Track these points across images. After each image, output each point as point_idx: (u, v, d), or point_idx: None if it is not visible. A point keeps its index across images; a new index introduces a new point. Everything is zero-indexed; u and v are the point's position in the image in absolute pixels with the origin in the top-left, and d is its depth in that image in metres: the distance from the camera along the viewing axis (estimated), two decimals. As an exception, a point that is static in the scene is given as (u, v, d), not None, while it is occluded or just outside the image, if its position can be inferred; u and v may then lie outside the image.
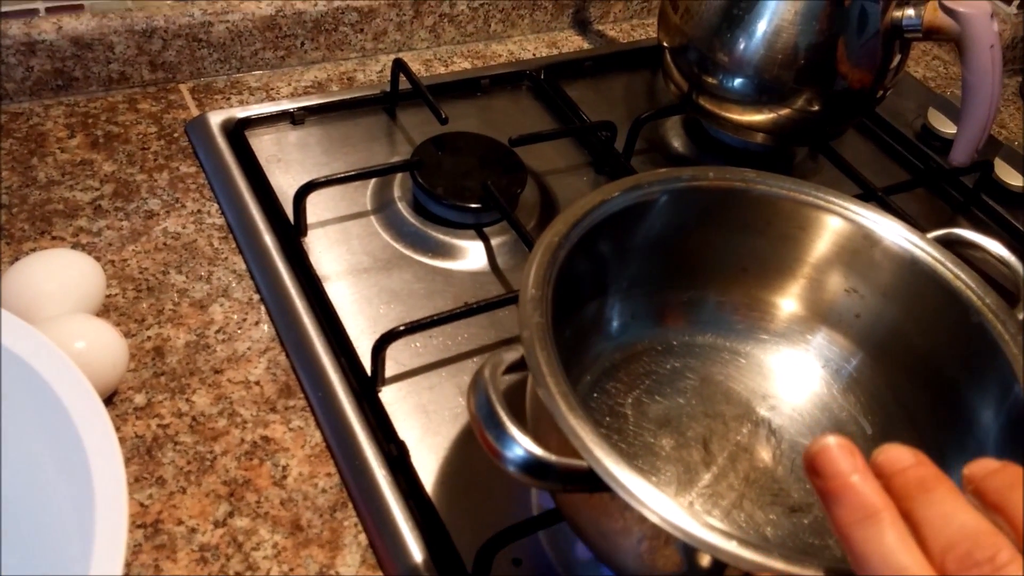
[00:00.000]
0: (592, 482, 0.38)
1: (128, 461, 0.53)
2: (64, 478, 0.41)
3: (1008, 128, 0.99)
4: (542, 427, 0.43)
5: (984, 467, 0.33)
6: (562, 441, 0.39)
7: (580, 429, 0.39)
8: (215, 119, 0.75)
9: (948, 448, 0.51)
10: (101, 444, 0.41)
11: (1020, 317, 0.50)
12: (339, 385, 0.58)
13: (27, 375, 0.43)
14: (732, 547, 0.36)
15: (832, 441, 0.33)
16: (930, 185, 0.86)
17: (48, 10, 0.72)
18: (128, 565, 0.48)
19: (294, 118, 0.77)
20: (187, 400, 0.56)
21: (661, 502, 0.37)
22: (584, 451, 0.38)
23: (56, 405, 0.42)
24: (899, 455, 0.34)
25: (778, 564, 0.36)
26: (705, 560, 0.38)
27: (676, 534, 0.37)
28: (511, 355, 0.43)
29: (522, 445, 0.38)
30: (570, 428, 0.39)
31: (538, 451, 0.38)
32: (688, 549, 0.37)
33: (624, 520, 0.41)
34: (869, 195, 0.77)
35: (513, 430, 0.38)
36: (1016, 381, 0.46)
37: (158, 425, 0.55)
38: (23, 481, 0.43)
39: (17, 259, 0.56)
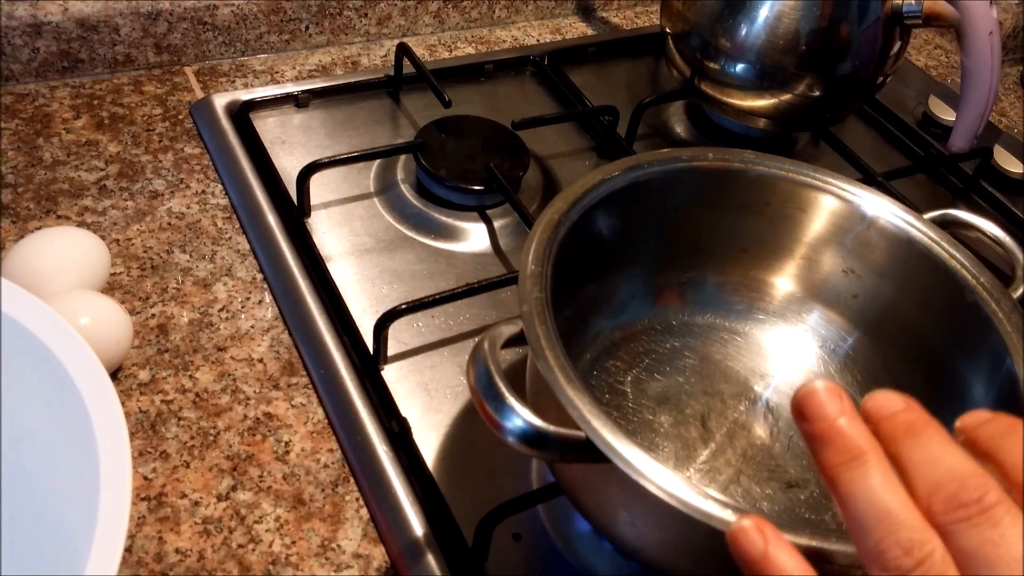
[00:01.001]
0: (589, 452, 0.39)
1: (132, 436, 0.53)
2: (69, 449, 0.42)
3: (1008, 116, 1.00)
4: (542, 402, 0.44)
5: (976, 417, 0.33)
6: (561, 414, 0.40)
7: (578, 400, 0.40)
8: (220, 101, 0.76)
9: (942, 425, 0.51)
10: (107, 416, 0.42)
11: (1015, 296, 0.51)
12: (341, 363, 0.59)
13: (35, 347, 0.44)
14: (728, 516, 0.37)
15: (820, 385, 0.33)
16: (930, 171, 0.87)
17: (54, -8, 0.73)
18: (132, 537, 0.49)
19: (298, 101, 0.78)
20: (191, 377, 0.57)
21: (656, 470, 0.38)
22: (581, 421, 0.39)
23: (63, 377, 0.43)
24: (888, 400, 0.33)
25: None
26: (701, 531, 0.39)
27: (671, 502, 0.37)
28: (510, 329, 0.44)
29: (521, 415, 0.39)
30: (568, 399, 0.40)
31: (536, 421, 0.39)
32: (684, 519, 0.37)
33: (622, 491, 0.41)
34: (869, 180, 0.78)
35: (512, 401, 0.39)
36: (1008, 355, 0.47)
37: (162, 401, 0.55)
38: (29, 451, 0.44)
39: (23, 237, 0.57)
